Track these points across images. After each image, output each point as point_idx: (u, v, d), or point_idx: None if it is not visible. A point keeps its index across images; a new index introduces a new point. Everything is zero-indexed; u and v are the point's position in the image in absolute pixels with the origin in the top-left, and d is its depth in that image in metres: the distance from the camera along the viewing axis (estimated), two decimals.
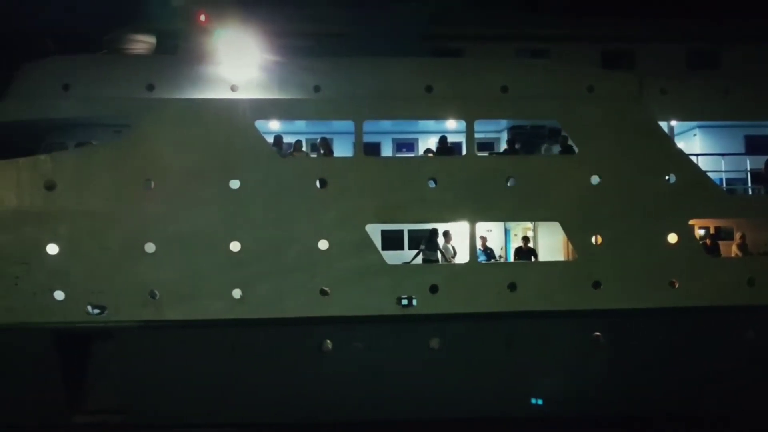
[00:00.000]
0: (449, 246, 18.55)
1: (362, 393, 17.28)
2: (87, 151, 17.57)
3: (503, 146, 19.74)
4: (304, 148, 19.02)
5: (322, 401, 17.25)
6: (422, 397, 17.40)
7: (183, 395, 17.10)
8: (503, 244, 20.23)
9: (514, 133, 19.58)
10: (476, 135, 18.68)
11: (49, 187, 16.95)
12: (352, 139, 18.22)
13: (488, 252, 18.93)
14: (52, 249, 16.90)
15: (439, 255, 18.36)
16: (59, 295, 16.92)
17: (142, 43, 19.52)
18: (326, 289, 17.45)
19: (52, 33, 19.21)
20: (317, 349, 17.42)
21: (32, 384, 16.73)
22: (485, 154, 19.53)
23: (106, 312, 17.12)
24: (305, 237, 17.44)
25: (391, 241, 19.09)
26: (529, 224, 19.99)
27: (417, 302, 17.62)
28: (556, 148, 18.99)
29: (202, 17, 18.64)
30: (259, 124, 17.91)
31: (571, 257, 18.82)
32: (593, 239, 18.25)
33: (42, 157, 17.28)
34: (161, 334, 17.06)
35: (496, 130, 20.41)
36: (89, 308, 17.10)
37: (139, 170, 17.17)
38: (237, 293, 17.25)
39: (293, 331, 17.29)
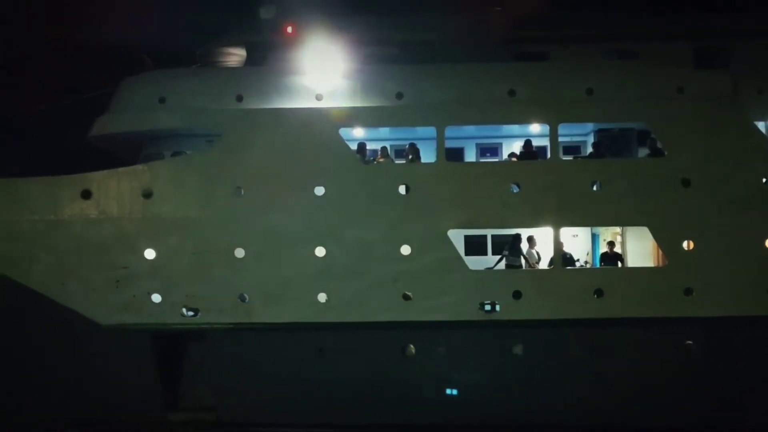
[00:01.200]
0: (533, 251, 18.38)
1: (444, 397, 17.36)
2: (181, 161, 18.37)
3: (589, 150, 19.38)
4: (390, 155, 19.31)
5: (406, 404, 17.40)
6: (504, 403, 17.30)
7: (271, 395, 17.62)
8: (589, 249, 19.81)
9: (601, 137, 19.19)
10: (561, 138, 18.45)
11: (147, 195, 17.81)
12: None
13: (567, 258, 18.61)
14: (150, 254, 17.72)
15: (523, 261, 18.21)
16: (156, 297, 17.75)
17: (233, 55, 20.28)
18: (409, 294, 17.62)
19: (149, 49, 20.14)
20: (401, 352, 17.64)
21: (131, 382, 17.59)
22: (570, 158, 19.24)
23: (199, 314, 17.86)
24: (388, 242, 17.66)
25: (475, 246, 19.07)
26: (618, 229, 19.54)
27: (500, 308, 17.57)
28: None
29: (289, 29, 19.21)
30: (344, 131, 18.28)
31: (660, 263, 18.29)
32: (684, 244, 17.67)
33: (140, 166, 18.21)
34: (250, 336, 17.69)
35: (581, 134, 20.05)
36: (184, 310, 17.85)
37: (228, 178, 17.82)
38: (322, 297, 17.66)
39: (377, 335, 17.56)
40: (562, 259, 18.22)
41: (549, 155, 18.33)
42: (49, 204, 17.90)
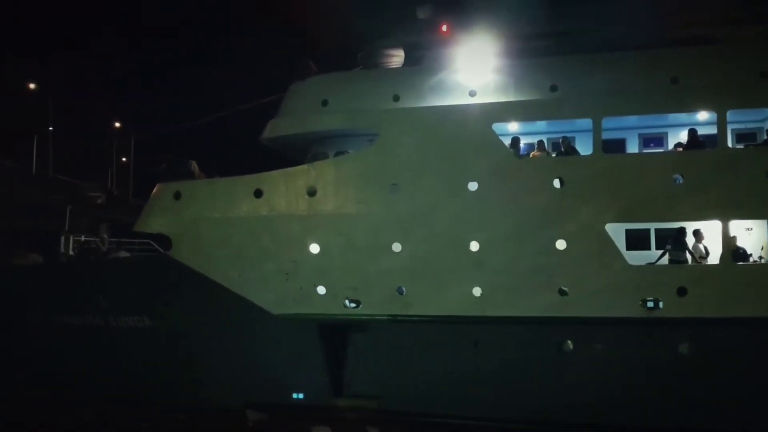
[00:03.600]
0: (700, 246, 17.37)
1: (602, 396, 16.89)
2: (342, 160, 19.30)
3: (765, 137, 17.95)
4: (546, 148, 19.11)
5: (562, 401, 17.15)
6: (665, 404, 16.57)
7: (429, 386, 18.06)
8: (765, 243, 18.35)
9: None
10: (734, 126, 17.29)
11: (311, 193, 18.92)
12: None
13: (740, 252, 17.34)
14: (315, 248, 18.79)
15: (688, 255, 17.28)
16: (321, 289, 18.76)
17: (393, 56, 20.89)
18: (565, 289, 17.35)
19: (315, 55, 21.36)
20: (557, 348, 17.43)
21: (299, 369, 18.81)
22: (741, 146, 17.98)
23: (360, 306, 18.73)
24: (543, 237, 17.48)
25: (637, 240, 18.30)
26: None
27: (663, 305, 16.83)
28: None
29: (445, 27, 19.54)
30: (500, 126, 18.34)
31: None
32: None
33: (305, 166, 19.37)
34: (409, 327, 18.26)
35: (757, 120, 18.62)
36: (346, 302, 18.77)
37: (385, 175, 18.50)
38: (477, 291, 17.82)
39: (534, 329, 17.47)
40: (734, 254, 17.07)
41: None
42: (227, 202, 19.61)
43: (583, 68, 17.94)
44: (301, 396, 19.04)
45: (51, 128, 46.15)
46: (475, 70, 18.44)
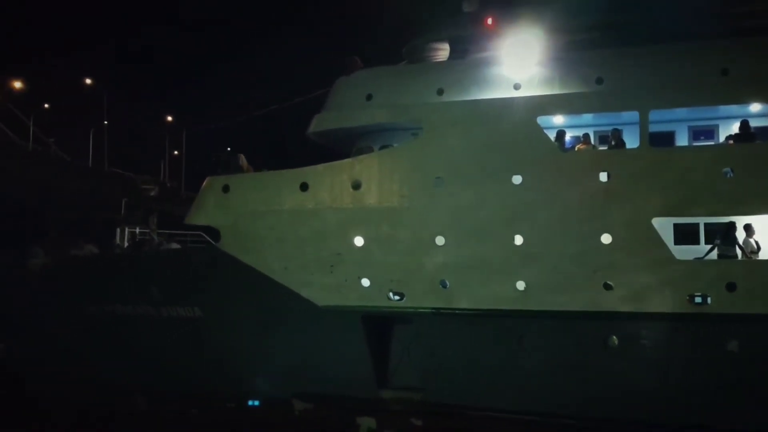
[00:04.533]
0: (751, 241, 16.99)
1: (647, 394, 16.69)
2: (385, 154, 19.34)
3: None
4: (592, 141, 18.90)
5: (606, 397, 16.97)
6: (713, 402, 16.29)
7: (473, 380, 18.12)
8: None
9: None
10: None
11: (356, 186, 19.07)
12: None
13: None
14: (359, 241, 18.94)
15: (738, 251, 16.93)
16: (365, 282, 18.92)
17: (438, 50, 20.87)
18: (610, 283, 17.18)
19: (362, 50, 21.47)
20: (602, 344, 17.28)
21: (345, 360, 18.98)
22: None
23: (404, 299, 18.84)
24: (588, 230, 17.31)
25: (685, 235, 18.00)
26: None
27: (711, 300, 16.54)
28: None
29: (490, 21, 19.45)
30: (545, 119, 18.25)
31: None
32: None
33: (349, 160, 19.49)
34: (452, 320, 18.32)
35: None
36: (390, 294, 18.91)
37: (429, 169, 18.52)
38: (521, 285, 17.76)
39: (578, 324, 17.34)
40: None
41: None
42: (274, 196, 19.93)
43: (629, 60, 17.66)
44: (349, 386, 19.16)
45: (106, 122, 47.47)
46: (519, 63, 18.29)
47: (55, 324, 21.89)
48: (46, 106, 51.46)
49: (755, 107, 17.53)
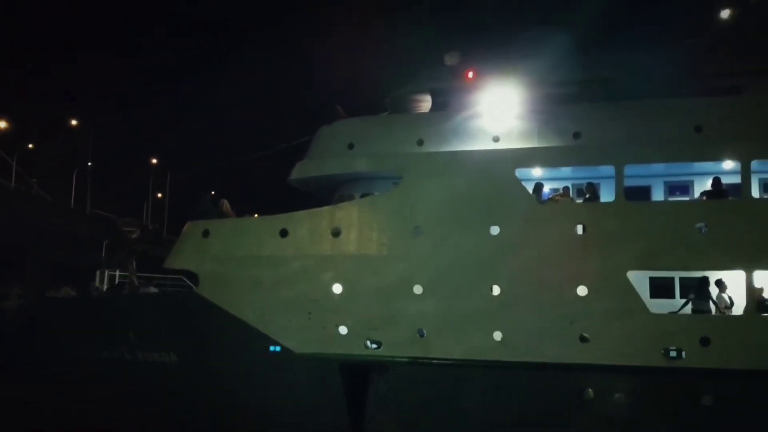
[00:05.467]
0: (724, 296, 17.21)
1: None
2: (365, 202, 19.49)
3: None
4: (571, 194, 19.18)
5: None
6: None
7: (449, 428, 17.97)
8: None
9: None
10: (760, 175, 17.25)
11: (335, 233, 19.17)
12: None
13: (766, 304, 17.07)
14: (337, 288, 18.95)
15: (712, 305, 17.12)
16: (343, 329, 18.84)
17: (419, 102, 21.28)
18: (586, 335, 17.26)
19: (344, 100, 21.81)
20: (578, 396, 17.29)
21: (319, 408, 18.82)
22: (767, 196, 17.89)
23: (381, 347, 18.75)
24: (564, 282, 17.46)
25: (661, 289, 18.21)
26: None
27: (686, 354, 16.65)
28: None
29: (471, 74, 19.88)
30: (522, 171, 18.52)
31: None
32: None
33: (329, 207, 19.65)
34: (429, 369, 18.25)
35: None
36: (368, 343, 18.87)
37: (408, 218, 18.66)
38: (498, 335, 17.79)
39: (554, 376, 17.36)
40: (759, 305, 16.84)
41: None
42: (253, 241, 19.95)
43: (606, 115, 18.09)
44: None
45: (90, 163, 47.47)
46: (499, 115, 18.69)
47: (29, 366, 21.56)
48: (30, 146, 51.49)
49: (727, 164, 17.90)
